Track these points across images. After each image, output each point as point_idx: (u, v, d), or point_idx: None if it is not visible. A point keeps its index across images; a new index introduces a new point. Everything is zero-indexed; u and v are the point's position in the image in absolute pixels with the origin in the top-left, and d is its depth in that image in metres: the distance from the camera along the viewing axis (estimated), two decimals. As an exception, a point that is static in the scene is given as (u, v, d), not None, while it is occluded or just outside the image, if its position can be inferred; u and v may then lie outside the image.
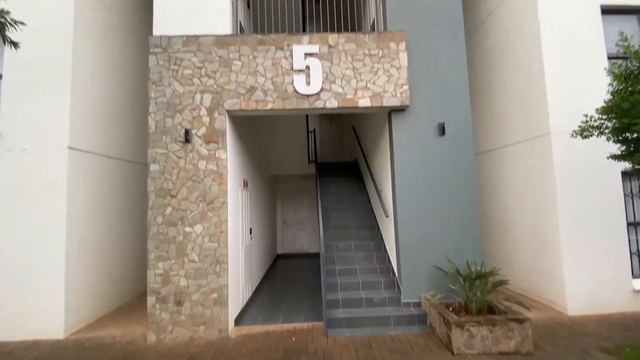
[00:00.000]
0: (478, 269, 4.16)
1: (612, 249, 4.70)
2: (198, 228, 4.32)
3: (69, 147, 4.51)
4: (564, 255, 4.65)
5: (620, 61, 3.36)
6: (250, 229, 5.87)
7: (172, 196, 4.34)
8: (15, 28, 3.44)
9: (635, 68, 3.16)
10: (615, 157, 3.35)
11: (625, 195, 4.84)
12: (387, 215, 5.06)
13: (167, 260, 4.26)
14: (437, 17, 4.92)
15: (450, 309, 4.03)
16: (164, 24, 4.73)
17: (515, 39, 5.58)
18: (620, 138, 3.21)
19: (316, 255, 8.31)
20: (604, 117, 3.30)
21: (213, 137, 4.44)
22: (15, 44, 3.52)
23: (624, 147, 3.31)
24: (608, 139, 3.32)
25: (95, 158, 5.08)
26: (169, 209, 4.32)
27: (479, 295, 3.88)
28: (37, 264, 4.33)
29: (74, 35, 4.68)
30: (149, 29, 6.07)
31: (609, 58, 4.97)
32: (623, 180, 4.81)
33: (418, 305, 4.52)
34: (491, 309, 3.93)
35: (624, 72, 3.18)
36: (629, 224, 4.81)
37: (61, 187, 4.42)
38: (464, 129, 4.75)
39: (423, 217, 4.64)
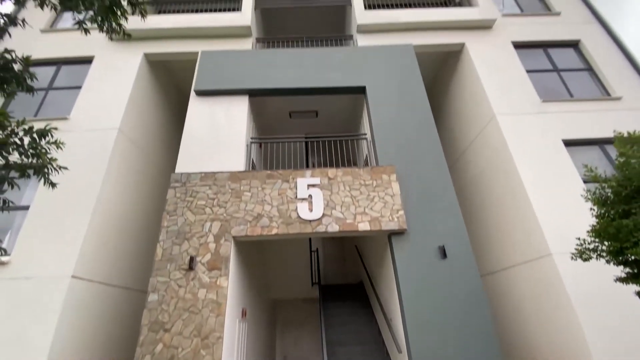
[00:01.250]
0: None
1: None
2: (188, 370, 3.85)
3: (72, 276, 4.51)
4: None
5: (593, 187, 3.67)
6: (246, 369, 5.17)
7: (166, 330, 4.05)
8: (57, 172, 3.99)
9: (610, 193, 3.45)
10: (621, 279, 3.28)
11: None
12: (399, 351, 4.54)
13: (146, 415, 3.63)
14: (420, 149, 5.66)
15: None
16: (186, 163, 5.46)
17: (494, 169, 6.26)
18: (620, 260, 3.22)
19: (321, 404, 6.95)
20: (597, 239, 3.39)
21: (216, 264, 4.48)
22: (53, 185, 4.01)
23: (627, 269, 3.28)
24: (608, 262, 3.32)
25: (95, 286, 4.99)
26: (159, 346, 3.96)
27: None
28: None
29: (104, 178, 5.36)
30: (169, 165, 6.96)
31: (585, 182, 5.44)
32: (643, 301, 4.53)
33: None
34: None
35: (600, 198, 3.46)
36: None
37: (52, 322, 4.23)
38: (465, 250, 4.80)
39: (440, 350, 4.17)
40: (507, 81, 6.70)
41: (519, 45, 7.32)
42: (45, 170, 3.84)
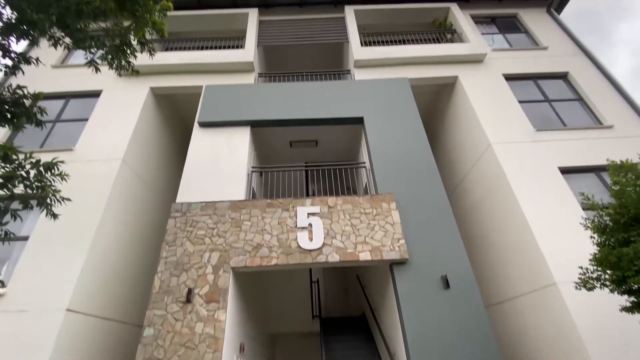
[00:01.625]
0: None
1: None
2: (181, 412, 3.66)
3: (67, 309, 4.41)
4: None
5: (592, 214, 3.68)
6: (243, 411, 4.89)
7: (160, 367, 3.89)
8: (60, 203, 4.02)
9: (608, 221, 3.46)
10: (627, 309, 3.21)
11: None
12: (404, 387, 4.34)
13: None
14: (418, 177, 5.73)
15: None
16: (187, 193, 5.51)
17: (493, 196, 6.29)
18: (623, 289, 3.17)
19: None
20: (599, 268, 3.36)
21: (214, 296, 4.39)
22: (55, 216, 4.03)
23: (632, 298, 3.21)
24: (611, 291, 3.26)
25: (90, 320, 4.85)
26: (153, 385, 3.79)
27: None
28: None
29: (105, 208, 5.38)
30: (171, 195, 6.99)
31: (583, 209, 5.44)
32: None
33: None
34: None
35: (599, 226, 3.47)
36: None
37: (44, 357, 4.06)
38: (468, 280, 4.72)
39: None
40: (500, 111, 6.91)
41: (510, 78, 7.63)
42: (48, 201, 3.88)
